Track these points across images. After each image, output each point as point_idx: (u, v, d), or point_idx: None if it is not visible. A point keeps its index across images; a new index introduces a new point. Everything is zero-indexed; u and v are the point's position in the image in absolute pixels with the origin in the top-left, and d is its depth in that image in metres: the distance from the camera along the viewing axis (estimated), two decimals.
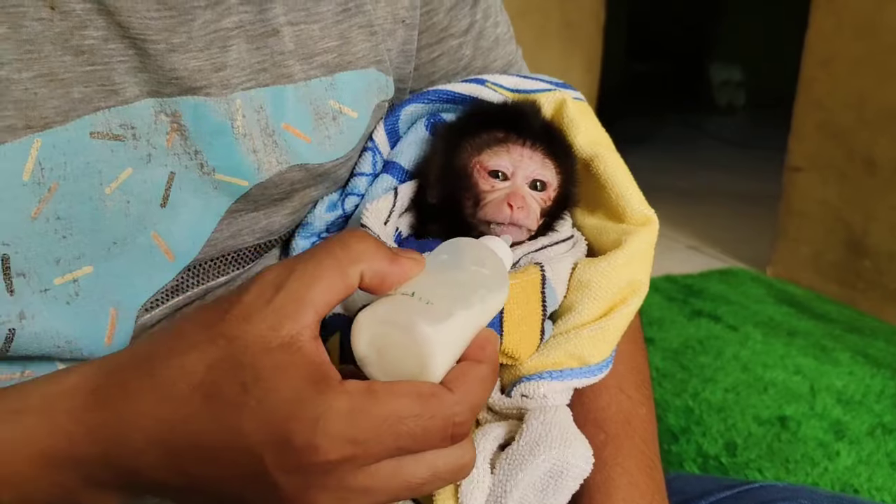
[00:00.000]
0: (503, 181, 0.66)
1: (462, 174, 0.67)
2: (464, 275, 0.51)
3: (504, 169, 0.66)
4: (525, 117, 0.69)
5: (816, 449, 1.45)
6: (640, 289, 0.67)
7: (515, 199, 0.65)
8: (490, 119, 0.69)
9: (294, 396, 0.42)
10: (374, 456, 0.42)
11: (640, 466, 0.66)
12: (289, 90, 0.64)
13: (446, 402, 0.44)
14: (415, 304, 0.46)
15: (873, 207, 2.32)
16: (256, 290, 0.45)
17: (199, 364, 0.44)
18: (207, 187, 0.61)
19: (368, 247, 0.46)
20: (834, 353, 1.86)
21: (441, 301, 0.46)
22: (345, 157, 0.68)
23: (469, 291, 0.49)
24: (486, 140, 0.68)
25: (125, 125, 0.57)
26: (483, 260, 0.53)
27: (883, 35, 2.26)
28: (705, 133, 5.28)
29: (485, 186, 0.66)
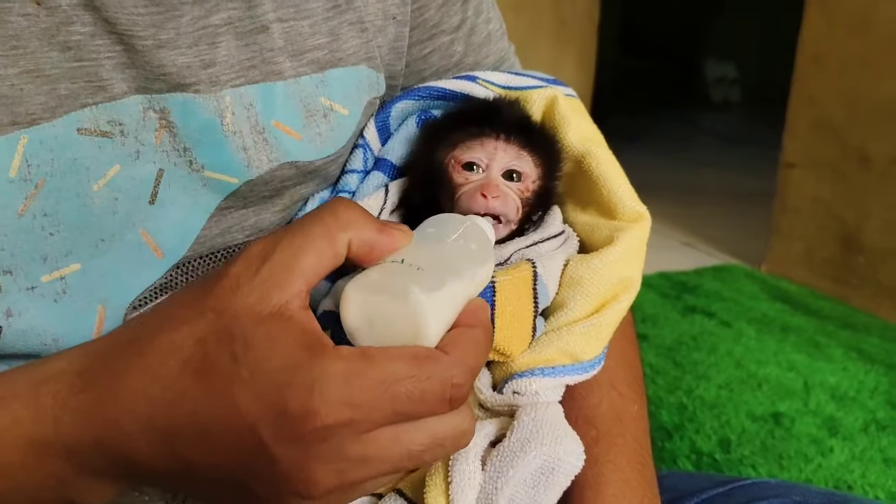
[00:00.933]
0: (478, 174, 0.66)
1: (438, 171, 0.67)
2: (451, 247, 0.50)
3: (477, 160, 0.66)
4: (499, 111, 0.69)
5: (810, 445, 1.45)
6: (632, 285, 0.67)
7: (489, 188, 0.64)
8: (466, 116, 0.69)
9: (287, 364, 0.41)
10: (373, 421, 0.41)
11: (631, 463, 0.65)
12: (279, 87, 0.63)
13: (443, 364, 0.43)
14: (406, 270, 0.45)
15: (867, 204, 2.33)
16: (243, 263, 0.44)
17: (188, 339, 0.43)
18: (196, 184, 0.61)
19: (357, 215, 0.46)
20: (828, 349, 1.86)
21: (432, 268, 0.46)
22: (335, 155, 0.68)
23: (458, 262, 0.49)
24: (461, 136, 0.68)
25: (113, 121, 0.57)
26: (468, 233, 0.53)
27: (876, 31, 2.26)
28: (700, 130, 5.28)
29: (459, 179, 0.66)
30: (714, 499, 0.74)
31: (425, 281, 0.45)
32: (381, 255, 0.46)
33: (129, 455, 0.44)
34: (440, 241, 0.51)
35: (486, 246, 0.54)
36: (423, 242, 0.49)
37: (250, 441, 0.41)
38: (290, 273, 0.43)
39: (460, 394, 0.44)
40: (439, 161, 0.67)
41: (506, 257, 0.65)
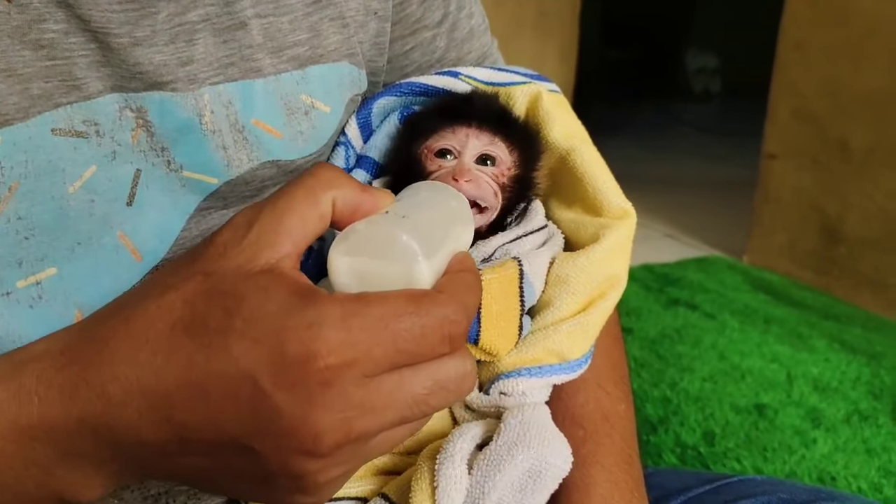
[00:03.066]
0: (450, 161, 0.66)
1: (413, 162, 0.67)
2: (433, 205, 0.50)
3: (449, 147, 0.66)
4: (472, 102, 0.69)
5: (793, 437, 1.46)
6: (619, 283, 0.66)
7: (460, 172, 0.63)
8: (440, 109, 0.69)
9: (283, 309, 0.40)
10: (375, 360, 0.40)
11: (619, 463, 0.65)
12: (258, 84, 0.62)
13: (439, 301, 0.42)
14: (392, 218, 0.45)
15: (848, 194, 2.34)
16: (229, 230, 0.43)
17: (175, 301, 0.42)
18: (175, 185, 0.60)
19: (338, 174, 0.45)
20: (810, 340, 1.87)
21: (417, 218, 0.46)
22: (317, 153, 0.67)
23: (441, 216, 0.49)
24: (434, 126, 0.67)
25: (88, 121, 0.55)
26: (448, 197, 0.53)
27: (857, 20, 2.26)
28: (681, 120, 5.30)
29: (432, 167, 0.66)
30: (701, 497, 0.73)
31: (412, 229, 0.44)
32: (365, 215, 0.46)
33: (117, 428, 0.42)
34: (422, 200, 0.50)
35: (466, 208, 0.54)
36: (405, 201, 0.49)
37: (250, 391, 0.39)
38: (276, 235, 0.42)
39: (458, 331, 0.43)
40: (414, 152, 0.67)
41: (489, 253, 0.65)
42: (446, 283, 0.45)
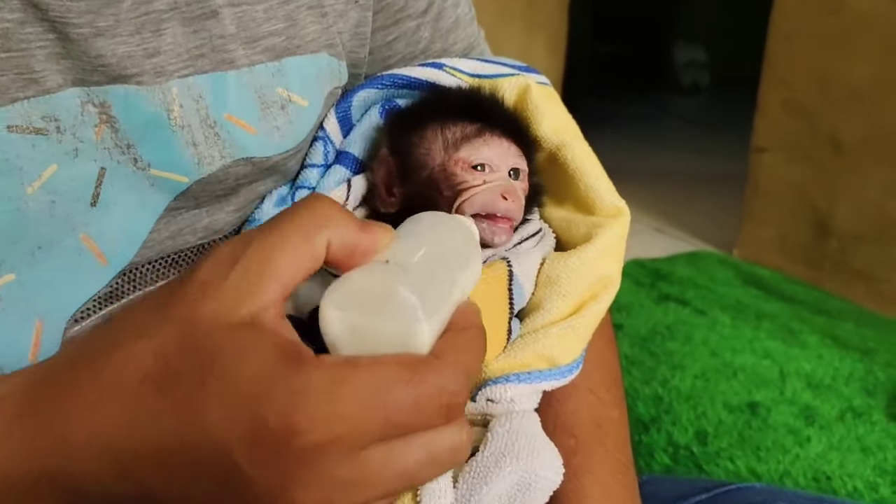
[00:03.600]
0: (488, 173, 0.62)
1: (439, 175, 0.63)
2: (438, 246, 0.46)
3: (488, 161, 0.62)
4: (491, 105, 0.66)
5: (787, 436, 1.43)
6: (612, 285, 0.64)
7: (511, 192, 0.61)
8: (453, 110, 0.65)
9: (263, 374, 0.36)
10: (363, 435, 0.36)
11: (612, 473, 0.62)
12: (230, 77, 0.59)
13: (437, 368, 0.38)
14: (391, 270, 0.41)
15: (838, 187, 2.32)
16: (210, 267, 0.39)
17: (146, 352, 0.38)
18: (143, 184, 0.56)
19: (336, 212, 0.41)
20: (802, 335, 1.85)
21: (419, 269, 0.41)
22: (294, 149, 0.64)
23: (446, 262, 0.44)
24: (460, 134, 0.64)
25: (47, 117, 0.52)
26: (454, 231, 0.49)
27: (847, 11, 2.24)
28: (670, 114, 5.28)
29: (472, 181, 0.62)
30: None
31: (413, 282, 0.40)
32: (363, 258, 0.42)
33: (78, 479, 0.39)
34: (425, 240, 0.46)
35: (474, 245, 0.50)
36: (407, 241, 0.44)
37: (222, 464, 0.36)
38: (262, 277, 0.38)
39: (457, 402, 0.39)
40: (438, 164, 0.63)
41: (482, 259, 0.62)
42: (447, 346, 0.40)
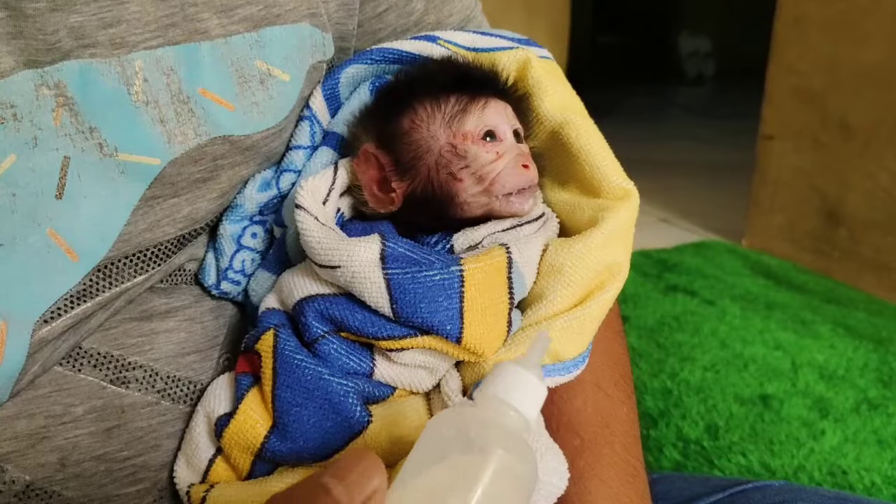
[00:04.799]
0: (498, 143, 0.58)
1: (449, 156, 0.58)
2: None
3: (494, 126, 0.58)
4: (469, 68, 0.61)
5: (801, 429, 1.39)
6: (620, 272, 0.59)
7: (527, 157, 0.58)
8: (442, 81, 0.60)
9: None
10: None
11: (620, 476, 0.58)
12: (204, 48, 0.54)
13: None
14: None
15: (848, 174, 2.27)
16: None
17: None
18: (112, 172, 0.52)
19: None
20: (813, 325, 1.80)
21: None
22: (276, 128, 0.59)
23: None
24: (457, 105, 0.59)
25: (3, 104, 0.48)
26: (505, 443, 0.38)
27: None
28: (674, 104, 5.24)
29: (488, 156, 0.57)
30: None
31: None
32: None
33: None
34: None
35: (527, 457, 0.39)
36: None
37: None
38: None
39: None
40: (445, 140, 0.58)
41: (477, 241, 0.57)
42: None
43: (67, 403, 0.55)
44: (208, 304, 0.64)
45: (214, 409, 0.57)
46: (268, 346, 0.54)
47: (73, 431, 0.55)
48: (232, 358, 0.64)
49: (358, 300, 0.53)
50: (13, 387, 0.51)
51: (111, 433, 0.56)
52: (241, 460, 0.55)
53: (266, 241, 0.64)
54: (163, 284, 0.61)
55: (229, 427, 0.54)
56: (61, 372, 0.55)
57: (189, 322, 0.61)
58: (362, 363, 0.55)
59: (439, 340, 0.52)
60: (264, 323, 0.56)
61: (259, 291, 0.62)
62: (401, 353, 0.54)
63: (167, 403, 0.59)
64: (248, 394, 0.55)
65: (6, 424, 0.53)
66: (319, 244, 0.53)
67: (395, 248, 0.53)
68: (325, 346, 0.54)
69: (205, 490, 0.55)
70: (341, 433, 0.52)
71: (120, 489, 0.57)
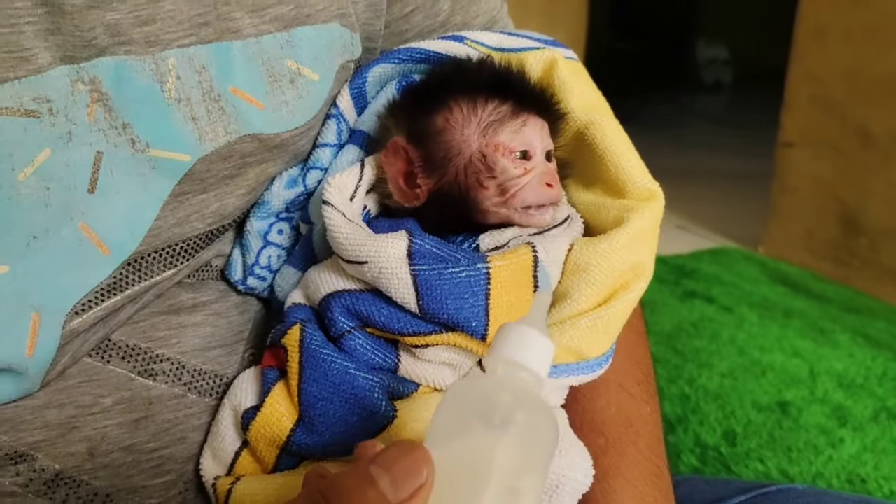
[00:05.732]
0: (529, 161, 0.59)
1: (478, 164, 0.58)
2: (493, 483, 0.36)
3: (529, 147, 0.59)
4: (520, 80, 0.61)
5: (819, 436, 1.38)
6: (645, 272, 0.59)
7: (552, 177, 0.58)
8: (483, 86, 0.60)
9: None
10: None
11: (644, 475, 0.58)
12: (236, 47, 0.55)
13: None
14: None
15: (869, 183, 2.25)
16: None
17: None
18: (143, 167, 0.53)
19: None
20: (833, 334, 1.79)
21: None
22: (305, 126, 0.60)
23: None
24: (495, 115, 0.59)
25: (39, 98, 0.49)
26: (514, 410, 0.38)
27: (877, 4, 2.18)
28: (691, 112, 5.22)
29: (516, 171, 0.58)
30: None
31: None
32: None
33: None
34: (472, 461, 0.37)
35: (546, 422, 0.39)
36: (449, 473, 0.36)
37: None
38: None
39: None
40: (477, 148, 0.58)
41: (503, 243, 0.57)
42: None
43: (96, 394, 0.55)
44: (234, 299, 0.64)
45: (241, 402, 0.57)
46: (294, 340, 0.55)
47: (101, 422, 0.55)
48: (257, 353, 0.64)
49: (384, 296, 0.53)
50: (44, 377, 0.52)
51: (139, 424, 0.57)
52: (267, 453, 0.55)
53: (292, 238, 0.64)
54: (190, 279, 0.61)
55: (256, 420, 0.54)
56: (90, 363, 0.56)
57: (215, 317, 0.62)
58: (387, 359, 0.55)
59: (464, 337, 0.53)
60: (290, 318, 0.57)
61: (285, 287, 0.63)
62: (425, 350, 0.54)
63: (193, 396, 0.59)
64: (275, 387, 0.55)
65: (37, 414, 0.53)
66: (347, 240, 0.53)
67: (422, 245, 0.53)
68: (351, 342, 0.54)
69: (230, 482, 0.55)
70: (366, 427, 0.52)
71: (146, 480, 0.57)
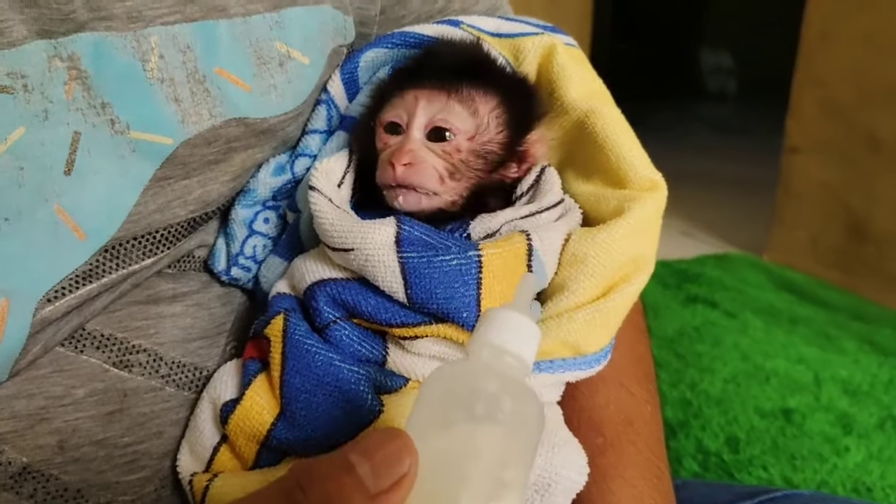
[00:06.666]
0: (398, 136, 0.56)
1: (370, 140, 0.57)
2: (474, 464, 0.34)
3: (397, 119, 0.56)
4: (430, 56, 0.58)
5: (824, 444, 1.35)
6: (646, 265, 0.57)
7: (398, 155, 0.54)
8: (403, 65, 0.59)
9: None
10: None
11: (644, 476, 0.55)
12: (223, 26, 0.53)
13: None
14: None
15: (876, 189, 2.23)
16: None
17: None
18: (123, 149, 0.50)
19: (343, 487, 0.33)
20: (839, 341, 1.76)
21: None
22: (294, 112, 0.58)
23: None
24: (388, 90, 0.58)
25: (13, 74, 0.46)
26: (497, 398, 0.36)
27: (885, 7, 2.15)
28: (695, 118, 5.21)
29: (380, 146, 0.56)
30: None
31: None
32: None
33: None
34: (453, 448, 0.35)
35: (530, 409, 0.37)
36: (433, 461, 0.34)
37: None
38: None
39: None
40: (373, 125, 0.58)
41: (495, 229, 0.55)
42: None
43: (68, 385, 0.53)
44: (217, 290, 0.62)
45: (220, 394, 0.55)
46: (277, 330, 0.52)
47: (73, 414, 0.53)
48: (239, 346, 0.62)
49: (371, 285, 0.51)
50: (13, 366, 0.50)
51: (112, 417, 0.54)
52: (246, 449, 0.52)
53: (279, 227, 0.62)
54: (171, 270, 0.59)
55: (235, 413, 0.52)
56: (63, 353, 0.53)
57: (196, 307, 0.59)
58: (374, 351, 0.52)
59: (454, 329, 0.50)
60: (274, 307, 0.54)
61: (270, 278, 0.60)
62: (414, 342, 0.51)
63: (171, 389, 0.57)
64: (256, 379, 0.53)
65: (4, 404, 0.51)
66: (332, 226, 0.51)
67: (410, 231, 0.51)
68: (336, 332, 0.52)
69: (208, 479, 0.53)
70: (351, 422, 0.50)
71: (120, 476, 0.55)
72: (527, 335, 0.38)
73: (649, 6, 5.76)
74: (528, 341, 0.38)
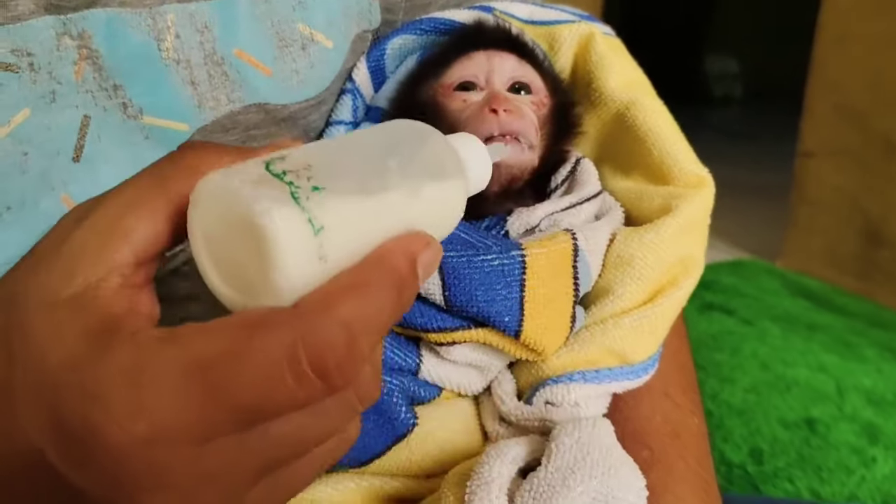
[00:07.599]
0: (477, 93, 0.53)
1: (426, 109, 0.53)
2: (385, 159, 0.33)
3: (472, 78, 0.53)
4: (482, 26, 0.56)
5: (850, 455, 1.31)
6: (695, 267, 0.54)
7: (497, 100, 0.50)
8: (446, 44, 0.56)
9: (65, 360, 0.29)
10: (183, 429, 0.28)
11: (695, 492, 0.51)
12: (242, 5, 0.49)
13: (282, 330, 0.27)
14: (269, 178, 0.29)
15: (892, 194, 2.20)
16: (53, 233, 0.32)
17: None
18: (135, 136, 0.47)
19: (210, 152, 0.32)
20: (859, 348, 1.72)
21: (320, 177, 0.29)
22: (316, 99, 0.54)
23: (382, 172, 0.32)
24: (443, 61, 0.55)
25: (18, 51, 0.43)
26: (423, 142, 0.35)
27: None
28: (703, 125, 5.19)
29: (455, 105, 0.52)
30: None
31: (293, 192, 0.28)
32: None
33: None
34: (369, 151, 0.33)
35: (450, 160, 0.36)
36: (338, 150, 0.33)
37: (42, 469, 0.30)
38: (109, 240, 0.30)
39: (320, 365, 0.27)
40: (423, 98, 0.54)
41: (534, 224, 0.51)
42: (323, 295, 0.29)
43: None
44: None
45: None
46: None
47: None
48: None
49: None
50: None
51: None
52: None
53: None
54: (187, 268, 0.55)
55: None
56: None
57: (213, 308, 0.56)
58: (408, 359, 0.49)
59: (495, 334, 0.47)
60: None
61: None
62: (451, 349, 0.48)
63: None
64: None
65: None
66: None
67: None
68: None
69: None
70: (383, 435, 0.46)
71: None
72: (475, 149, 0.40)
73: (655, 14, 5.76)
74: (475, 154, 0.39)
